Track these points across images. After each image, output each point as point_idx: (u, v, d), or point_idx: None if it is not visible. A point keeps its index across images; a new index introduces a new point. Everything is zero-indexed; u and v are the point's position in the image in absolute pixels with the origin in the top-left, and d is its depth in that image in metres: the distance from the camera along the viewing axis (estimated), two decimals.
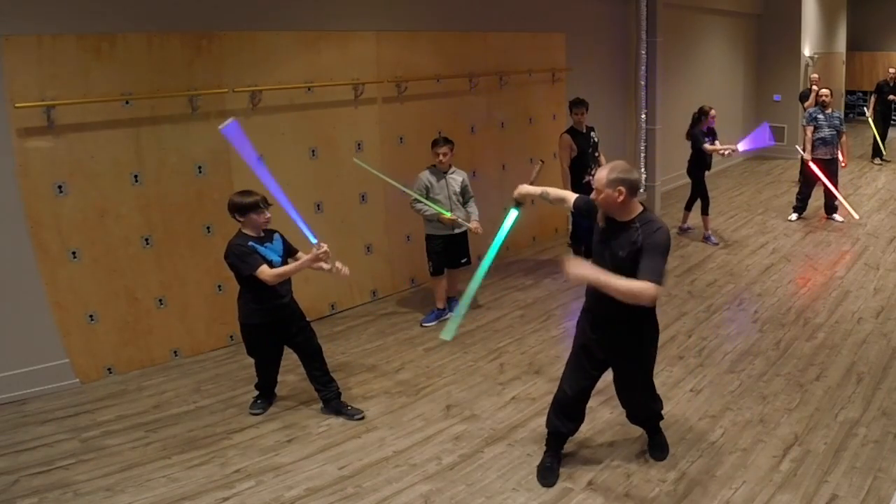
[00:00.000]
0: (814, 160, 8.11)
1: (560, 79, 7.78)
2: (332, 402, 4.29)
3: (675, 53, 9.74)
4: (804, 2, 12.23)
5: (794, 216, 8.50)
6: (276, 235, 4.13)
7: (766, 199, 9.64)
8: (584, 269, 3.11)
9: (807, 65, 12.55)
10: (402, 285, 6.46)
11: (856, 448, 3.78)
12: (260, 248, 3.96)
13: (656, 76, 8.61)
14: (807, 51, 12.61)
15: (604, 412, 4.20)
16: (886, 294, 6.03)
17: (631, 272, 3.09)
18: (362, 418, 4.24)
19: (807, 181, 8.40)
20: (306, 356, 4.24)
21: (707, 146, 7.35)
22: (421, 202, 5.33)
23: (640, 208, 3.23)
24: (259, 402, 4.37)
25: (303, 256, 4.13)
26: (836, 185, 8.24)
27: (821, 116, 8.05)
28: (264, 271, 3.89)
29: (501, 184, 7.20)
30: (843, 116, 8.35)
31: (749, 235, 7.90)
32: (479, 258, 6.96)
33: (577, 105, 6.65)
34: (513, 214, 3.76)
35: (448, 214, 5.33)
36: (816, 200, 8.48)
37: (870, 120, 11.75)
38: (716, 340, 5.23)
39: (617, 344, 3.40)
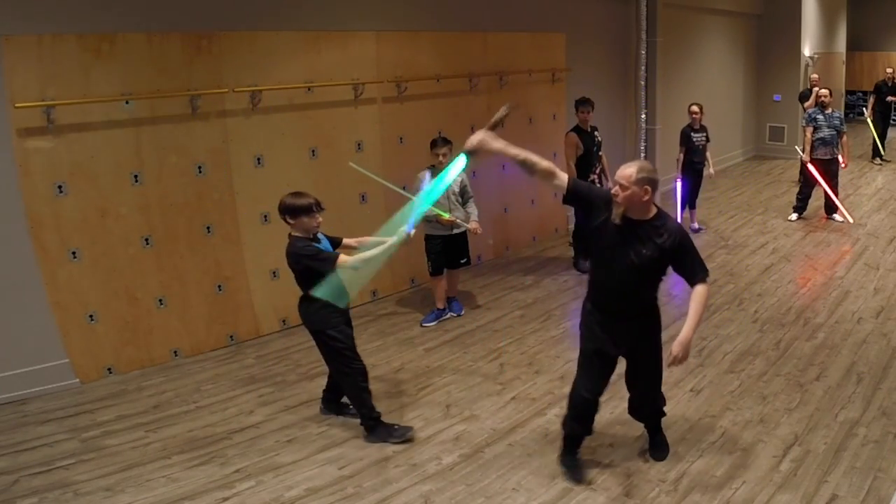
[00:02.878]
0: (813, 160, 8.12)
1: (560, 79, 7.78)
2: (333, 402, 4.29)
3: (675, 53, 9.73)
4: (804, 2, 12.22)
5: (794, 216, 8.50)
6: (320, 236, 3.95)
7: (766, 199, 9.64)
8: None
9: (807, 65, 12.54)
10: (402, 285, 6.46)
11: (856, 448, 3.78)
12: (320, 247, 3.79)
13: (656, 76, 8.60)
14: (807, 51, 12.60)
15: (604, 412, 4.17)
16: (886, 294, 6.03)
17: (653, 267, 3.28)
18: None
19: (807, 181, 8.39)
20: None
21: (680, 156, 7.83)
22: None
23: (656, 207, 3.31)
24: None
25: (351, 241, 3.95)
26: (836, 185, 8.25)
27: (820, 117, 8.05)
28: (345, 259, 3.69)
29: (501, 183, 7.20)
30: (843, 116, 8.34)
31: (749, 235, 7.90)
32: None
33: (583, 104, 6.61)
34: (460, 161, 3.35)
35: (447, 215, 5.33)
36: (816, 200, 8.48)
37: (868, 120, 11.76)
38: (716, 340, 5.23)
39: (632, 337, 3.45)
